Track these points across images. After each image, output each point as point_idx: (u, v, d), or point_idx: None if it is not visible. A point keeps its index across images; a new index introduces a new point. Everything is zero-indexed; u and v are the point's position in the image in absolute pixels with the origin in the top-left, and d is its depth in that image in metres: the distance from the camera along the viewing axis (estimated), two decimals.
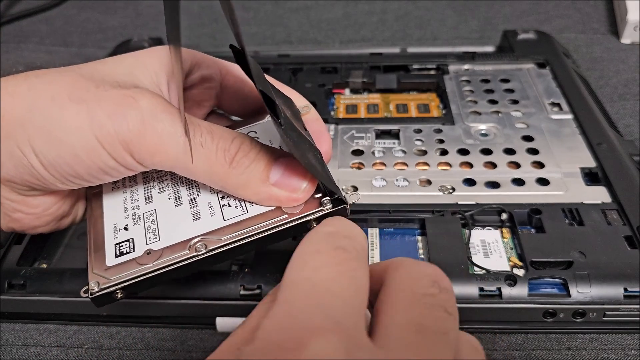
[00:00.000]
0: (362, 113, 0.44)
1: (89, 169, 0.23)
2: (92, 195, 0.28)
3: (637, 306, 0.29)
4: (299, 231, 0.24)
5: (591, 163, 0.37)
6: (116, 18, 0.66)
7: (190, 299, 0.30)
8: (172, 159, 0.23)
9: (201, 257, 0.23)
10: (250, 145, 0.24)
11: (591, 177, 0.36)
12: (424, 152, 0.39)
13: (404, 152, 0.39)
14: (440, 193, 0.35)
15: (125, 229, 0.25)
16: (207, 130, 0.23)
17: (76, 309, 0.31)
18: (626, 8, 0.54)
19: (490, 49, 0.53)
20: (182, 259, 0.23)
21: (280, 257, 0.32)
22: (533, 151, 0.38)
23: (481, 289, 0.29)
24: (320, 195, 0.24)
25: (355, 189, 0.36)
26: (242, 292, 0.30)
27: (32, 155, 0.23)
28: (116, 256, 0.24)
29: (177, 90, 0.23)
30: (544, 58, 0.48)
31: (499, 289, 0.29)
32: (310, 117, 0.28)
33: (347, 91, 0.48)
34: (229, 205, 0.25)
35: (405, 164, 0.38)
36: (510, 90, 0.44)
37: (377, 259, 0.33)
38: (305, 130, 0.26)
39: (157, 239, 0.24)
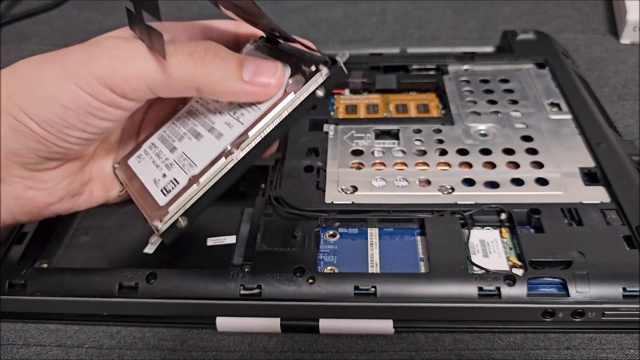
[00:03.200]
0: (362, 113, 0.44)
1: (78, 115, 0.25)
2: (121, 169, 0.30)
3: (636, 306, 0.29)
4: (311, 103, 0.27)
5: (590, 163, 0.37)
6: (116, 18, 0.66)
7: (190, 298, 0.30)
8: (148, 79, 0.25)
9: (239, 157, 0.26)
10: (217, 46, 0.26)
11: (590, 177, 0.36)
12: (424, 152, 0.39)
13: (404, 152, 0.39)
14: (440, 193, 0.35)
15: (164, 176, 0.28)
16: (171, 42, 0.25)
17: (77, 309, 0.31)
18: (625, 8, 0.54)
19: (489, 49, 0.53)
20: (222, 166, 0.26)
21: (281, 257, 0.32)
22: (532, 151, 0.38)
23: (480, 289, 0.29)
24: (315, 67, 0.27)
25: (355, 188, 0.36)
26: (242, 292, 0.30)
27: (27, 119, 0.25)
28: (165, 195, 0.27)
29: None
30: (543, 58, 0.48)
31: (498, 289, 0.29)
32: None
33: (346, 91, 0.48)
34: (243, 114, 0.28)
35: (405, 164, 0.38)
36: (510, 91, 0.45)
37: (376, 259, 0.33)
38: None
39: (195, 166, 0.27)
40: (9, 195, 0.27)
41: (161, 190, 0.27)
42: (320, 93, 0.26)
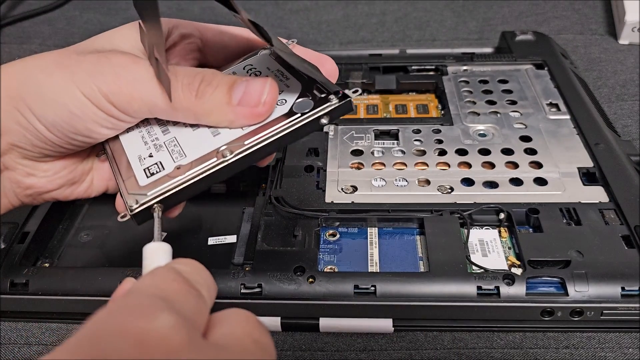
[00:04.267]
0: (362, 114, 0.45)
1: (84, 122, 0.26)
2: (108, 140, 0.29)
3: (635, 305, 0.29)
4: (313, 128, 0.26)
5: (589, 163, 0.37)
6: (118, 19, 0.66)
7: None
8: (149, 104, 0.26)
9: (229, 161, 0.26)
10: (213, 75, 0.26)
11: (589, 177, 0.36)
12: (423, 152, 0.39)
13: (403, 152, 0.39)
14: (439, 193, 0.36)
15: (150, 156, 0.27)
16: (172, 72, 0.26)
17: (78, 308, 0.31)
18: (624, 9, 0.54)
19: (488, 50, 0.53)
20: (211, 165, 0.25)
21: (281, 256, 0.32)
22: (531, 151, 0.38)
23: (479, 288, 0.29)
24: (325, 95, 0.26)
25: (355, 188, 0.36)
26: (242, 291, 0.30)
27: (35, 120, 0.25)
28: (147, 177, 0.26)
29: (155, 47, 0.25)
30: (542, 59, 0.48)
31: (497, 288, 0.29)
32: (299, 49, 0.30)
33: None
34: None
35: (404, 164, 0.38)
36: (509, 91, 0.45)
37: (376, 258, 0.33)
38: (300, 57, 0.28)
39: (184, 156, 0.26)
40: (10, 179, 0.27)
41: (144, 170, 0.27)
42: (324, 121, 0.26)
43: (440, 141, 0.40)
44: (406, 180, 0.37)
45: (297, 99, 0.27)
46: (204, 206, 0.38)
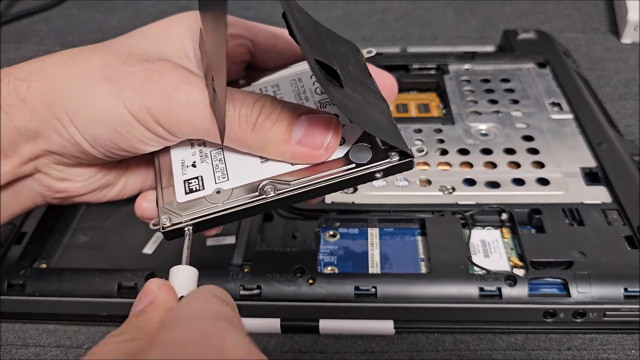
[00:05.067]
0: None
1: (129, 141, 0.24)
2: None
3: (638, 306, 0.29)
4: (365, 181, 0.24)
5: (591, 163, 0.37)
6: (116, 18, 0.66)
7: None
8: (200, 129, 0.24)
9: (270, 200, 0.24)
10: (272, 107, 0.24)
11: (591, 177, 0.36)
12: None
13: None
14: (440, 193, 0.35)
15: (194, 165, 0.26)
16: (229, 99, 0.24)
17: (76, 309, 0.31)
18: (626, 8, 0.54)
19: (490, 48, 0.53)
20: (251, 200, 0.24)
21: (280, 257, 0.32)
22: (533, 151, 0.38)
23: (481, 289, 0.29)
24: (387, 147, 0.24)
25: (355, 188, 0.35)
26: (241, 292, 0.30)
27: (76, 133, 0.24)
28: (186, 193, 0.25)
29: (215, 71, 0.23)
30: (544, 58, 0.48)
31: (499, 289, 0.29)
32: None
33: None
34: None
35: None
36: (511, 90, 0.44)
37: (377, 259, 0.33)
38: (370, 77, 0.26)
39: (226, 179, 0.25)
40: (41, 182, 0.26)
41: (184, 182, 0.25)
42: (378, 176, 0.24)
43: (441, 141, 0.40)
44: (407, 180, 0.36)
45: (355, 142, 0.25)
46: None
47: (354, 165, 0.24)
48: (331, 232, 0.34)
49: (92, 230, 0.37)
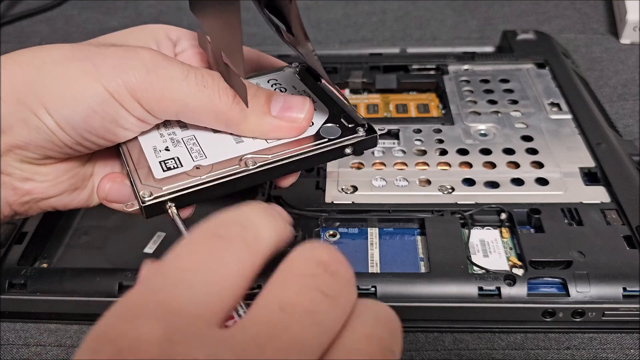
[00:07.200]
0: (362, 113, 0.44)
1: (103, 121, 0.24)
2: None
3: (636, 306, 0.29)
4: (336, 156, 0.27)
5: (590, 163, 0.37)
6: (116, 18, 0.66)
7: None
8: (179, 104, 0.24)
9: (251, 171, 0.25)
10: (249, 83, 0.26)
11: (590, 177, 0.36)
12: (424, 152, 0.39)
13: (404, 152, 0.39)
14: (440, 193, 0.35)
15: (167, 149, 0.26)
16: (208, 73, 0.25)
17: (77, 309, 0.31)
18: (625, 8, 0.54)
19: (489, 49, 0.53)
20: (234, 171, 0.25)
21: (280, 258, 0.32)
22: (532, 151, 0.38)
23: (480, 289, 0.29)
24: (353, 125, 0.27)
25: (355, 188, 0.36)
26: None
27: (47, 117, 0.23)
28: (163, 170, 0.25)
29: (230, 52, 0.24)
30: (543, 58, 0.48)
31: (498, 289, 0.29)
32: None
33: (347, 91, 0.48)
34: None
35: (405, 164, 0.38)
36: (510, 91, 0.45)
37: (376, 259, 0.33)
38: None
39: (204, 157, 0.26)
40: (6, 185, 0.25)
41: (160, 163, 0.25)
42: (348, 151, 0.27)
43: (441, 141, 0.40)
44: (407, 180, 0.36)
45: (324, 123, 0.27)
46: (202, 206, 0.38)
47: (326, 139, 0.26)
48: (331, 232, 0.34)
49: (93, 229, 0.37)
